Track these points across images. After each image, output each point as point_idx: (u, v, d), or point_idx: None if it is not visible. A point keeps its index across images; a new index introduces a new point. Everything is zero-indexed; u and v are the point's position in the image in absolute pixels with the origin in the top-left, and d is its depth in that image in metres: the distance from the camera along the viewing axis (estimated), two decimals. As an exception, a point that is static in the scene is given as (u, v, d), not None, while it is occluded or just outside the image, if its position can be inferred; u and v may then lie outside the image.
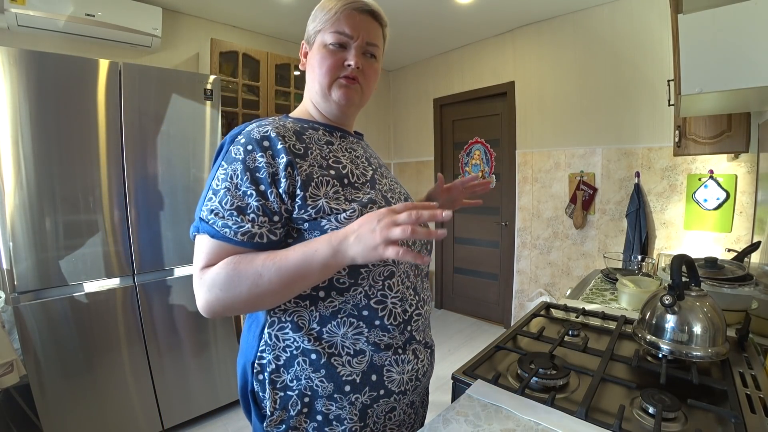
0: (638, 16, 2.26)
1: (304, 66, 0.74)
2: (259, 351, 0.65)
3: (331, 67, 0.68)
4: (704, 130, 1.65)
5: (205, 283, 0.57)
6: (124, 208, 1.66)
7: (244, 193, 0.59)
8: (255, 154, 0.60)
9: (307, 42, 0.73)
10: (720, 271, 1.13)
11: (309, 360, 0.63)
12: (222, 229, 0.57)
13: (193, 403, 1.92)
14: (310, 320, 0.64)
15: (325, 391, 0.63)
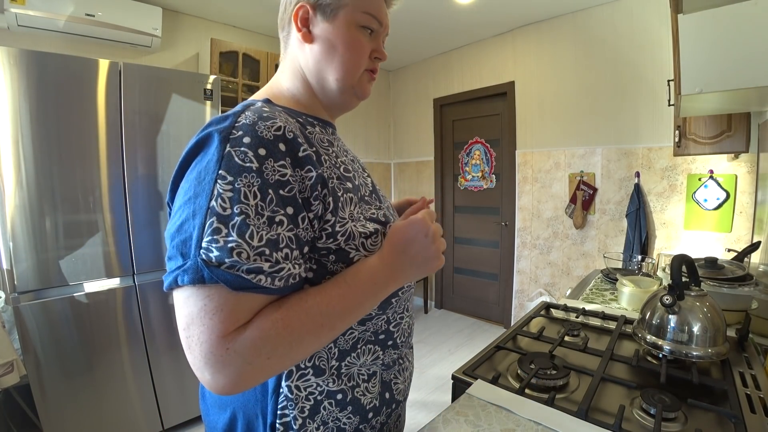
0: (638, 16, 2.26)
1: (308, 38, 0.56)
2: (279, 410, 0.51)
3: (365, 56, 0.57)
4: (704, 130, 1.65)
5: (240, 355, 0.40)
6: (124, 208, 1.66)
7: (270, 219, 0.43)
8: (272, 163, 0.44)
9: (318, 8, 0.54)
10: (720, 271, 1.13)
11: (335, 401, 0.54)
12: (252, 275, 0.41)
13: (193, 403, 1.92)
14: (329, 358, 0.53)
15: (352, 426, 0.55)
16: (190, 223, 0.43)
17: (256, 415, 0.52)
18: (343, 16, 0.55)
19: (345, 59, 0.55)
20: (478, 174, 3.30)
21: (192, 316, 0.41)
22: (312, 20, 0.55)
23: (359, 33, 0.56)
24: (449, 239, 3.57)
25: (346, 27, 0.55)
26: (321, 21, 0.55)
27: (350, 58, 0.55)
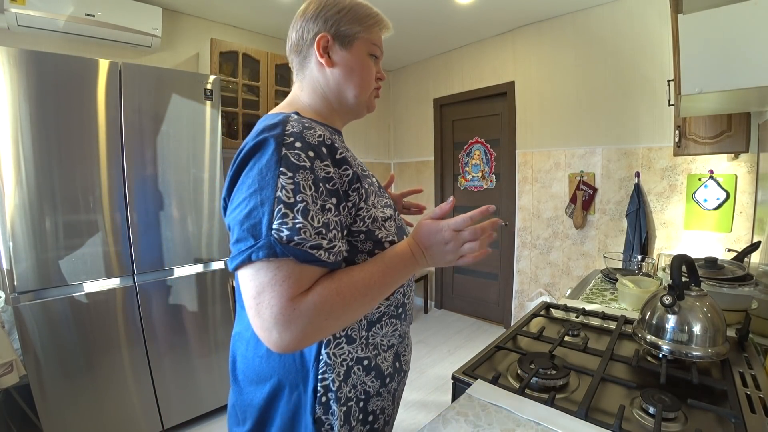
0: (638, 16, 2.26)
1: (330, 64, 0.67)
2: (319, 374, 0.60)
3: (374, 78, 0.72)
4: (704, 130, 1.65)
5: (305, 315, 0.49)
6: (124, 208, 1.66)
7: (322, 207, 0.53)
8: (319, 163, 0.55)
9: (337, 37, 0.67)
10: (720, 271, 1.13)
11: (362, 367, 0.64)
12: (314, 251, 0.51)
13: (193, 403, 1.92)
14: (360, 329, 0.64)
15: (374, 390, 0.67)
16: (259, 210, 0.51)
17: (297, 383, 0.61)
18: (357, 45, 0.69)
19: (361, 80, 0.70)
20: (478, 174, 3.30)
21: (263, 285, 0.50)
22: (331, 48, 0.68)
23: (369, 59, 0.71)
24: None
25: (360, 54, 0.69)
26: (339, 49, 0.68)
27: (364, 79, 0.70)
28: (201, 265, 1.90)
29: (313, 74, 0.70)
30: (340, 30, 0.67)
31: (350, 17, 0.68)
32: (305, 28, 0.68)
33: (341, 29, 0.67)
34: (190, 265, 1.87)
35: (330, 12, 0.67)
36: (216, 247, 1.94)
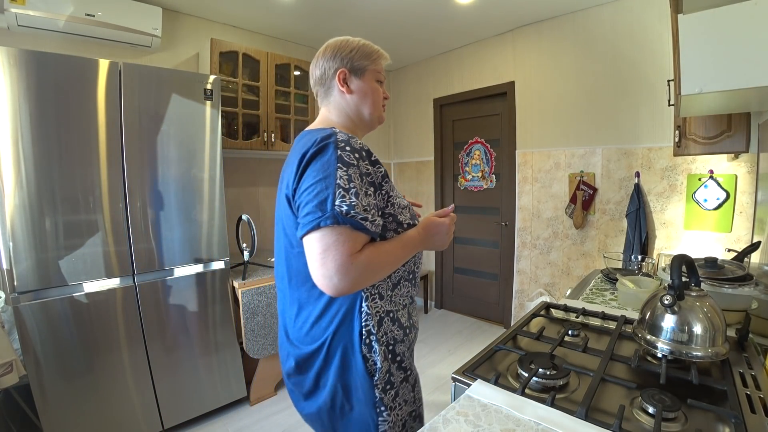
0: (638, 16, 2.25)
1: (349, 91, 0.90)
2: (363, 322, 0.80)
3: (381, 98, 0.95)
4: (704, 130, 1.64)
5: (357, 266, 0.70)
6: (124, 208, 1.66)
7: (366, 193, 0.74)
8: (363, 162, 0.76)
9: (352, 71, 0.90)
10: (720, 271, 1.13)
11: (389, 318, 0.83)
12: (363, 222, 0.72)
13: (193, 403, 1.92)
14: (386, 288, 0.84)
15: (399, 337, 0.85)
16: (324, 192, 0.71)
17: (354, 328, 0.80)
18: (367, 75, 0.91)
19: (372, 101, 0.92)
20: (478, 174, 3.30)
21: (329, 244, 0.69)
22: (349, 79, 0.90)
23: (376, 84, 0.93)
24: (449, 239, 3.57)
25: (370, 82, 0.91)
26: (355, 79, 0.90)
27: (375, 100, 0.92)
28: (201, 265, 1.90)
29: (337, 100, 0.91)
30: (353, 65, 0.90)
31: (360, 54, 0.90)
32: (326, 66, 0.91)
33: (355, 64, 0.90)
34: (190, 265, 1.87)
35: (344, 52, 0.90)
36: (216, 247, 1.94)
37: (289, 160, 0.83)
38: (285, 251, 0.88)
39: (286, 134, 2.79)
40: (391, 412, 0.83)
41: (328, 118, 0.93)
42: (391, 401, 0.84)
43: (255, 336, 2.02)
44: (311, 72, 0.96)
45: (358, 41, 0.92)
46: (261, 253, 2.73)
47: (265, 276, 2.10)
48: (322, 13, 2.56)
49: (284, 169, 0.86)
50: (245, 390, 2.11)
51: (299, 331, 0.85)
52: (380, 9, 2.48)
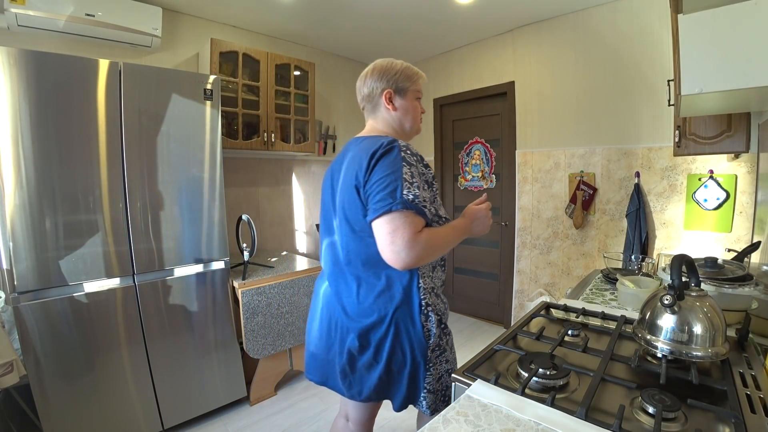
0: (638, 16, 2.25)
1: (394, 109, 1.08)
2: (421, 296, 0.99)
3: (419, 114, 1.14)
4: (704, 130, 1.64)
5: (420, 243, 0.87)
6: (124, 208, 1.66)
7: (420, 187, 0.93)
8: (419, 164, 0.96)
9: (396, 91, 1.08)
10: (720, 271, 1.13)
11: (434, 295, 1.03)
12: (423, 209, 0.91)
13: (193, 403, 1.92)
14: (429, 270, 1.03)
15: (441, 311, 1.04)
16: (393, 183, 0.88)
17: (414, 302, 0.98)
18: (409, 94, 1.10)
19: (413, 116, 1.11)
20: (478, 174, 3.30)
21: (398, 225, 0.87)
22: (393, 98, 1.08)
23: (416, 102, 1.12)
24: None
25: (411, 100, 1.10)
26: (398, 98, 1.09)
27: (415, 115, 1.12)
28: (201, 265, 1.90)
29: (383, 115, 1.10)
30: (398, 86, 1.08)
31: (403, 77, 1.08)
32: (374, 86, 1.08)
33: (399, 85, 1.08)
34: (190, 265, 1.87)
35: (390, 74, 1.07)
36: (216, 247, 1.94)
37: (351, 158, 1.00)
38: (345, 237, 1.01)
39: (286, 134, 2.79)
40: (434, 369, 1.02)
41: (375, 128, 1.11)
42: (436, 359, 1.02)
43: (255, 336, 2.02)
44: (358, 89, 1.13)
45: (402, 64, 1.10)
46: (261, 253, 2.73)
47: (265, 276, 2.10)
48: (322, 13, 2.56)
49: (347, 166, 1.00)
50: (245, 390, 2.11)
51: (360, 305, 0.99)
52: (380, 9, 2.48)
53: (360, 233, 0.96)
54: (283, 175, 3.09)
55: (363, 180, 0.92)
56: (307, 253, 3.29)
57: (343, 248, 1.01)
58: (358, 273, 0.99)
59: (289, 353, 2.27)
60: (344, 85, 3.47)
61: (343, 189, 0.99)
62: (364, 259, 0.97)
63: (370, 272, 0.98)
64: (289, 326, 2.16)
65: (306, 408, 2.11)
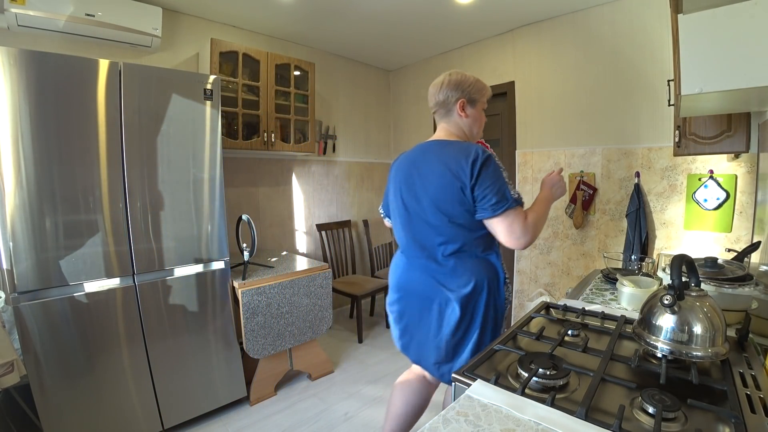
0: (638, 16, 2.25)
1: (466, 116, 1.27)
2: (504, 273, 1.24)
3: (484, 122, 1.35)
4: (704, 130, 1.64)
5: (530, 225, 1.12)
6: (124, 208, 1.66)
7: (512, 183, 1.16)
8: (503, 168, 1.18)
9: (469, 101, 1.27)
10: (720, 271, 1.13)
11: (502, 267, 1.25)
12: (523, 202, 1.16)
13: (193, 403, 1.92)
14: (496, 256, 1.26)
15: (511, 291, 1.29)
16: (502, 188, 1.11)
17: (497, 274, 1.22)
18: (478, 105, 1.30)
19: (479, 124, 1.32)
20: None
21: (513, 219, 1.10)
22: (465, 106, 1.27)
23: (482, 112, 1.32)
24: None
25: (480, 110, 1.31)
26: (470, 107, 1.27)
27: (481, 124, 1.33)
28: (201, 265, 1.90)
29: (455, 120, 1.28)
30: (470, 97, 1.27)
31: (475, 89, 1.27)
32: (449, 94, 1.26)
33: (471, 96, 1.27)
34: (190, 265, 1.87)
35: (464, 86, 1.26)
36: (216, 247, 1.94)
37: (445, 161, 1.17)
38: (439, 224, 1.19)
39: (286, 134, 2.79)
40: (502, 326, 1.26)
41: (449, 131, 1.29)
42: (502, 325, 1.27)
43: (255, 336, 2.02)
44: (433, 95, 1.30)
45: (474, 78, 1.28)
46: (261, 253, 2.73)
47: (265, 276, 2.10)
48: (322, 13, 2.56)
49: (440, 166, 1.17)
50: (245, 390, 2.11)
51: (459, 279, 1.19)
52: (380, 9, 2.48)
53: (456, 223, 1.16)
54: (283, 175, 3.09)
55: (469, 184, 1.11)
56: (307, 253, 3.29)
57: (437, 234, 1.20)
58: (453, 252, 1.19)
59: (289, 353, 2.27)
60: (344, 85, 3.47)
61: (439, 187, 1.17)
62: (460, 242, 1.18)
63: (468, 252, 1.20)
64: (289, 326, 2.16)
65: (306, 408, 2.11)
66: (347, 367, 2.58)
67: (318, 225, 3.29)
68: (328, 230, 3.34)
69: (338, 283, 3.10)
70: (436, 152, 1.21)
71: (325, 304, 2.34)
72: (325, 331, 2.38)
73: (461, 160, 1.12)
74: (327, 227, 3.33)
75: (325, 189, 3.40)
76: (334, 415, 2.06)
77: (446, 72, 1.29)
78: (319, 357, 2.42)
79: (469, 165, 1.11)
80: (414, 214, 1.25)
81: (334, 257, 3.31)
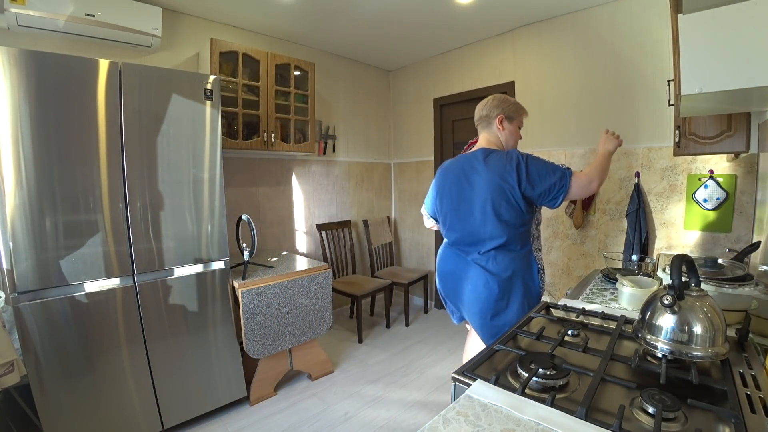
0: (638, 16, 2.25)
1: (503, 129, 1.52)
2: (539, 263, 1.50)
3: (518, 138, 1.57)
4: (704, 130, 1.64)
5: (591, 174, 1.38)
6: (124, 208, 1.66)
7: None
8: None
9: (507, 117, 1.51)
10: (720, 271, 1.13)
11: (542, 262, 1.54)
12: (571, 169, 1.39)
13: (193, 403, 1.92)
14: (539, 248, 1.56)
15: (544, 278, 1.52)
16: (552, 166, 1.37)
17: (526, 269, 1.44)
18: (514, 122, 1.54)
19: (515, 138, 1.55)
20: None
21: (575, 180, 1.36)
22: (503, 121, 1.51)
23: (517, 128, 1.55)
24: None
25: (516, 127, 1.55)
26: (507, 123, 1.52)
27: (516, 139, 1.56)
28: (201, 265, 1.90)
29: (494, 131, 1.53)
30: (508, 114, 1.52)
31: (513, 109, 1.53)
32: (491, 110, 1.52)
33: (509, 114, 1.52)
34: (190, 265, 1.87)
35: (504, 105, 1.52)
36: (216, 247, 1.94)
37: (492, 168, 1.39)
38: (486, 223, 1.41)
39: (286, 134, 2.79)
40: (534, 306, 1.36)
41: (489, 140, 1.53)
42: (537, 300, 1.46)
43: (255, 336, 2.02)
44: (478, 110, 1.56)
45: (514, 101, 1.55)
46: (261, 253, 2.73)
47: (265, 276, 2.10)
48: (322, 14, 2.57)
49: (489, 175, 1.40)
50: (245, 390, 2.11)
51: (500, 264, 1.41)
52: (380, 9, 2.48)
53: (502, 220, 1.38)
54: (283, 175, 3.09)
55: (518, 184, 1.35)
56: (307, 253, 3.29)
57: (483, 230, 1.42)
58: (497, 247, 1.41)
59: (289, 353, 2.27)
60: (344, 85, 3.47)
61: (487, 189, 1.39)
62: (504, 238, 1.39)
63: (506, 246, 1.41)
64: (289, 326, 2.16)
65: (306, 408, 2.11)
66: (347, 367, 2.58)
67: (318, 225, 3.29)
68: (328, 230, 3.34)
69: (338, 283, 3.10)
70: (482, 160, 1.43)
71: (325, 304, 2.34)
72: (325, 331, 2.38)
73: (506, 164, 1.37)
74: (327, 227, 3.33)
75: (325, 189, 3.40)
76: (334, 415, 2.06)
77: (492, 95, 1.57)
78: (319, 357, 2.42)
79: (515, 168, 1.34)
80: (465, 214, 1.48)
81: (334, 257, 3.31)
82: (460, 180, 1.49)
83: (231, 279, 2.03)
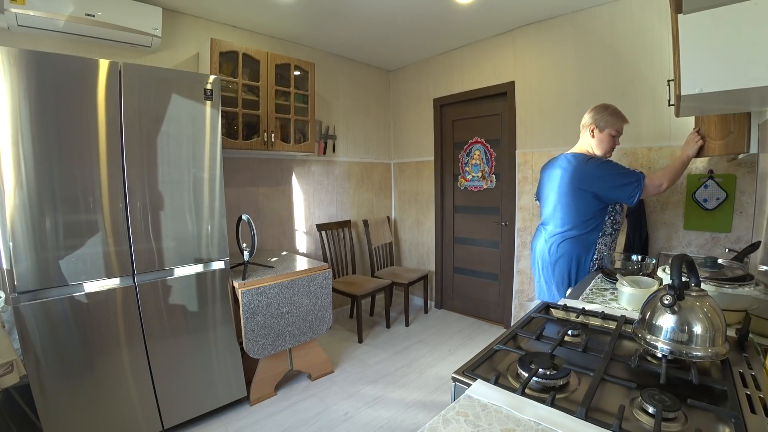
0: (638, 16, 2.25)
1: (593, 137, 1.72)
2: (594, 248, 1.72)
3: (609, 146, 1.72)
4: (714, 132, 1.64)
5: (661, 179, 1.61)
6: (124, 208, 1.66)
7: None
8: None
9: (598, 126, 1.70)
10: (720, 271, 1.13)
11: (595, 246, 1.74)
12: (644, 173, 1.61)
13: (193, 403, 1.92)
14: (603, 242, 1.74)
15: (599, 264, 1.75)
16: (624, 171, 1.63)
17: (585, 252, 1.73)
18: (606, 131, 1.71)
19: (604, 147, 1.73)
20: (478, 174, 3.30)
21: (648, 183, 1.60)
22: (594, 131, 1.72)
23: (609, 136, 1.71)
24: (449, 239, 3.57)
25: (606, 135, 1.71)
26: (597, 132, 1.72)
27: (607, 146, 1.73)
28: (201, 265, 1.90)
29: (587, 137, 1.74)
30: (599, 123, 1.70)
31: (605, 120, 1.69)
32: (587, 119, 1.73)
33: (600, 123, 1.70)
34: (190, 265, 1.87)
35: (599, 114, 1.71)
36: (216, 247, 1.94)
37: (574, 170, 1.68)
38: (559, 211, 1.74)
39: (286, 134, 2.79)
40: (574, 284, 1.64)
41: (581, 146, 1.77)
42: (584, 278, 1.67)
43: (255, 336, 2.02)
44: (583, 118, 1.77)
45: (611, 112, 1.69)
46: (261, 253, 2.73)
47: (265, 276, 2.10)
48: (322, 14, 2.57)
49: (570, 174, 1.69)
50: (245, 390, 2.11)
51: (559, 246, 1.74)
52: (380, 9, 2.48)
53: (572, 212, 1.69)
54: (283, 175, 3.09)
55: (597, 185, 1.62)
56: (307, 253, 3.29)
57: (557, 216, 1.76)
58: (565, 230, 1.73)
59: (289, 353, 2.27)
60: (344, 85, 3.47)
61: (563, 184, 1.71)
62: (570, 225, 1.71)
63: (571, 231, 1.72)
64: (289, 326, 2.16)
65: (306, 408, 2.12)
66: (347, 367, 2.58)
67: (318, 225, 3.29)
68: (328, 230, 3.34)
69: (338, 283, 3.11)
70: (569, 159, 1.72)
71: (325, 304, 2.34)
72: (325, 331, 2.38)
73: (582, 165, 1.66)
74: (327, 227, 3.33)
75: (325, 189, 3.40)
76: (334, 415, 2.06)
77: (596, 105, 1.74)
78: (319, 357, 2.42)
79: (588, 175, 1.63)
80: (548, 202, 1.81)
81: (334, 257, 3.31)
82: (552, 175, 1.80)
83: (231, 279, 2.03)
